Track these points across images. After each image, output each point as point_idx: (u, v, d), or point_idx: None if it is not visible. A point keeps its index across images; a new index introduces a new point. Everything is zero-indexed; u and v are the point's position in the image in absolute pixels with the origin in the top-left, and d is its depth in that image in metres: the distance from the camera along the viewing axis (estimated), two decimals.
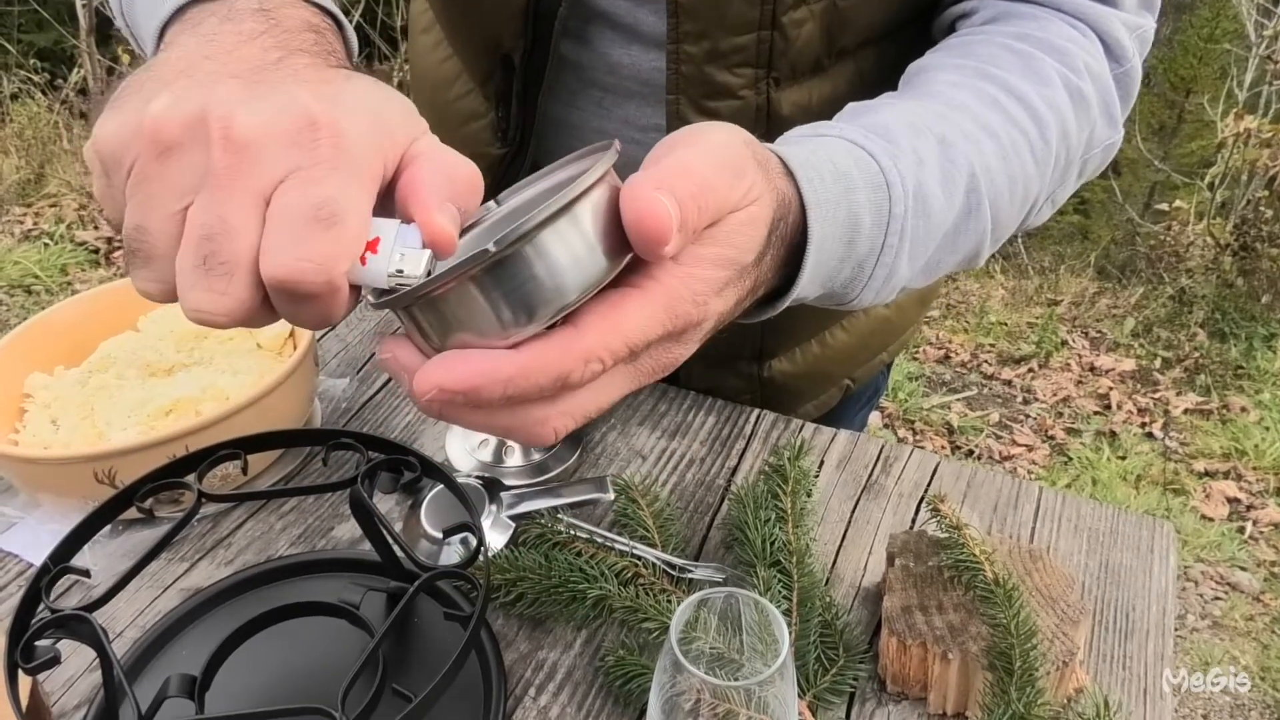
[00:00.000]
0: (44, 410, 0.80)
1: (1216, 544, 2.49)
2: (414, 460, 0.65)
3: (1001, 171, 0.57)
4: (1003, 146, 0.58)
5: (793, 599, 0.67)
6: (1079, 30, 0.66)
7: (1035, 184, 0.61)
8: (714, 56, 0.69)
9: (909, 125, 0.55)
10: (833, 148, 0.52)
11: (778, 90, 0.70)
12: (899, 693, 0.65)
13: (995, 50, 0.62)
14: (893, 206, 0.52)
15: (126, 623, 0.70)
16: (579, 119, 0.79)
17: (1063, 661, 0.61)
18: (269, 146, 0.36)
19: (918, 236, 0.54)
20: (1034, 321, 3.77)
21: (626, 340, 0.39)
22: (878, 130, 0.55)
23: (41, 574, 0.57)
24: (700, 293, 0.42)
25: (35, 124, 4.17)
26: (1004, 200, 0.58)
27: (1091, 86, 0.63)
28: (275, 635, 0.66)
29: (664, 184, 0.39)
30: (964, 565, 0.65)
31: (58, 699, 0.65)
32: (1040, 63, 0.61)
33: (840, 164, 0.51)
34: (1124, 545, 0.77)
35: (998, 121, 0.58)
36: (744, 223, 0.44)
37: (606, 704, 0.64)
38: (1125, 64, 0.67)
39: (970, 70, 0.61)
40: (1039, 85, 0.61)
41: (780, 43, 0.68)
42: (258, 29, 0.44)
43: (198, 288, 0.37)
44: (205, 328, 0.68)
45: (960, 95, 0.59)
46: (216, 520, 0.78)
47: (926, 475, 0.83)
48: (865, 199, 0.51)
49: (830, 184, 0.49)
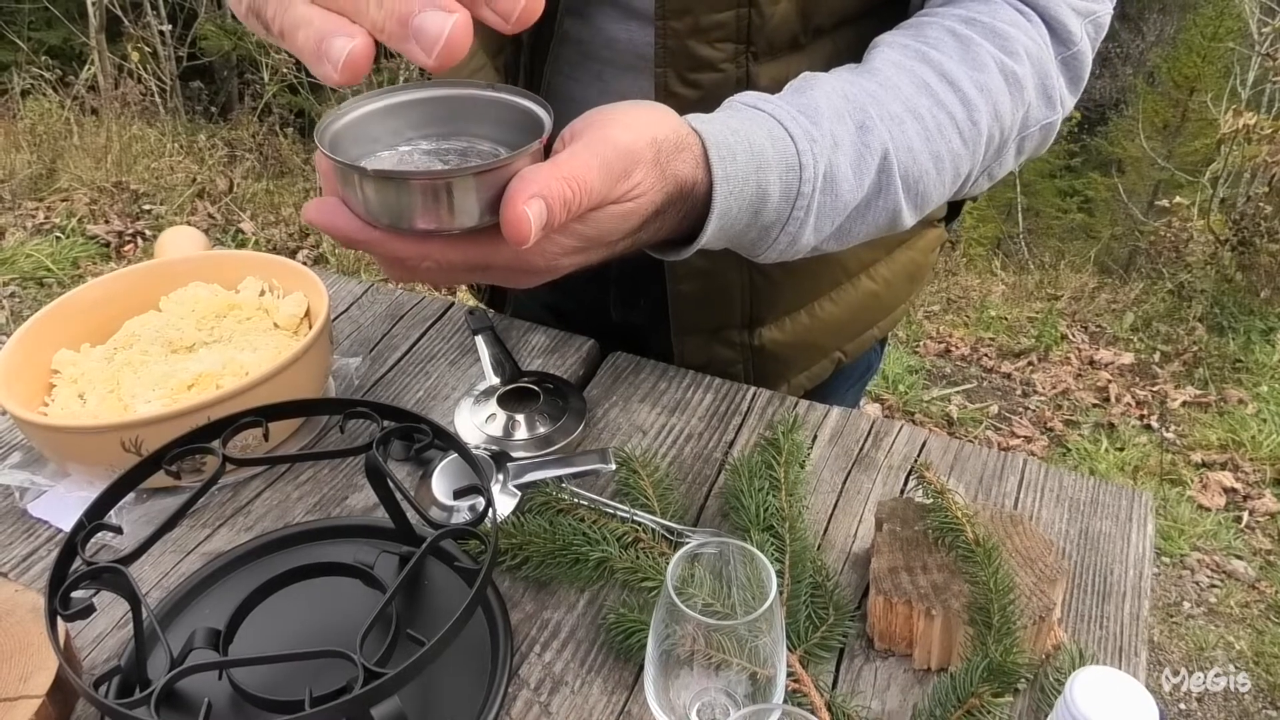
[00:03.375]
0: (71, 385, 0.83)
1: (1213, 533, 2.52)
2: (426, 428, 0.68)
3: (924, 150, 0.65)
4: (927, 128, 0.65)
5: (785, 561, 0.71)
6: (1024, 16, 0.70)
7: (966, 161, 0.67)
8: (696, 31, 0.73)
9: (835, 110, 0.63)
10: (757, 128, 0.60)
11: (756, 64, 0.75)
12: (886, 649, 0.69)
13: (940, 34, 0.69)
14: (801, 186, 0.61)
15: (151, 584, 0.73)
16: (579, 92, 0.83)
17: (1040, 617, 0.64)
18: None
19: (824, 211, 0.63)
20: (1034, 316, 3.80)
21: (487, 261, 0.54)
22: (807, 112, 0.62)
23: (77, 529, 0.60)
24: (551, 254, 0.56)
25: (46, 120, 4.22)
26: (927, 175, 0.66)
27: (1029, 69, 0.68)
28: (294, 594, 0.70)
29: (542, 189, 0.49)
30: (947, 527, 0.68)
31: (87, 654, 0.69)
32: (979, 48, 0.67)
33: (757, 144, 0.59)
34: (1104, 514, 0.80)
35: (925, 105, 0.65)
36: (615, 214, 0.54)
37: (608, 660, 0.68)
38: (1072, 47, 0.71)
39: (913, 52, 0.67)
40: (974, 70, 0.67)
41: (757, 19, 0.73)
42: None
43: None
44: (225, 307, 0.82)
45: (897, 77, 0.65)
46: (236, 489, 0.81)
47: (915, 449, 0.86)
48: (776, 177, 0.60)
49: (743, 163, 0.58)
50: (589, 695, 0.66)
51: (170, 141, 4.31)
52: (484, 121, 0.57)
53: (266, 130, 4.52)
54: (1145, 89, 10.66)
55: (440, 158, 0.55)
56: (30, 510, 0.79)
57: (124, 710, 0.52)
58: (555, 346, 1.00)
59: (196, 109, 5.12)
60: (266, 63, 4.74)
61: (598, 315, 1.03)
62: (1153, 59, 11.06)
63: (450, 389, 0.93)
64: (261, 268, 0.94)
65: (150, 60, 4.78)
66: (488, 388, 0.90)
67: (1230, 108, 4.65)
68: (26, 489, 0.80)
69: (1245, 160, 4.50)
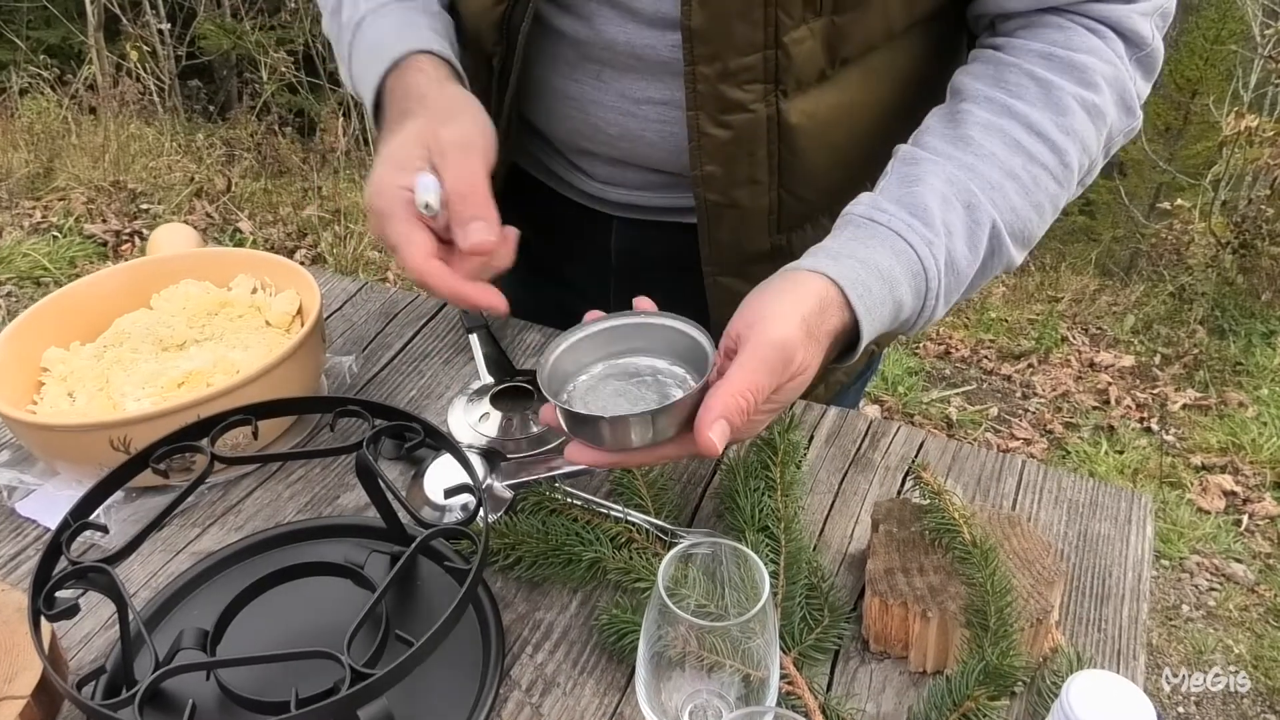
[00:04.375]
0: (60, 383, 0.83)
1: (1212, 536, 2.52)
2: (417, 426, 0.67)
3: (1025, 205, 0.72)
4: (1025, 185, 0.72)
5: (780, 562, 0.70)
6: (1099, 35, 0.74)
7: (1063, 197, 0.75)
8: (725, 76, 0.75)
9: (943, 198, 0.70)
10: (881, 249, 0.68)
11: (786, 101, 0.76)
12: (881, 651, 0.68)
13: (1021, 79, 0.73)
14: (929, 284, 0.69)
15: (140, 584, 0.73)
16: (577, 91, 0.83)
17: (1037, 619, 0.63)
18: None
19: (950, 289, 0.71)
20: (1034, 318, 3.80)
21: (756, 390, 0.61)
22: (919, 214, 0.69)
23: (62, 528, 0.60)
24: (754, 426, 0.65)
25: (44, 119, 4.21)
26: (1031, 223, 0.74)
27: (1108, 95, 0.74)
28: (283, 593, 0.69)
29: (723, 411, 0.59)
30: (944, 528, 0.67)
31: (74, 654, 0.68)
32: (1059, 91, 0.73)
33: (884, 266, 0.67)
34: (1103, 516, 0.79)
35: (1020, 164, 0.72)
36: (790, 388, 0.63)
37: (600, 661, 0.67)
38: (1146, 47, 0.76)
39: (999, 108, 0.73)
40: (1058, 115, 0.73)
41: (784, 60, 0.74)
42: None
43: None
44: (216, 304, 0.88)
45: (989, 143, 0.72)
46: (227, 489, 0.80)
47: (913, 450, 0.86)
48: (907, 287, 0.68)
49: (877, 291, 0.66)
50: (581, 697, 0.65)
51: (168, 140, 4.30)
52: (649, 341, 0.69)
53: (265, 130, 4.51)
54: None
55: (633, 383, 0.67)
56: (18, 509, 0.78)
57: (107, 711, 0.51)
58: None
59: (195, 108, 5.11)
60: (265, 62, 4.74)
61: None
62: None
63: (444, 388, 0.92)
64: (254, 265, 0.94)
65: (149, 59, 4.78)
66: (481, 386, 0.89)
67: (1232, 110, 4.64)
68: (15, 488, 0.80)
69: (1247, 163, 4.49)
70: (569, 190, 0.94)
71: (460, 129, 0.69)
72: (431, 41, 0.76)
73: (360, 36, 0.79)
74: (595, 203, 0.93)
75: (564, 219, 0.96)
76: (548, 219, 0.97)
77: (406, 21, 0.78)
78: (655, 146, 0.83)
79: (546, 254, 1.00)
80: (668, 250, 0.90)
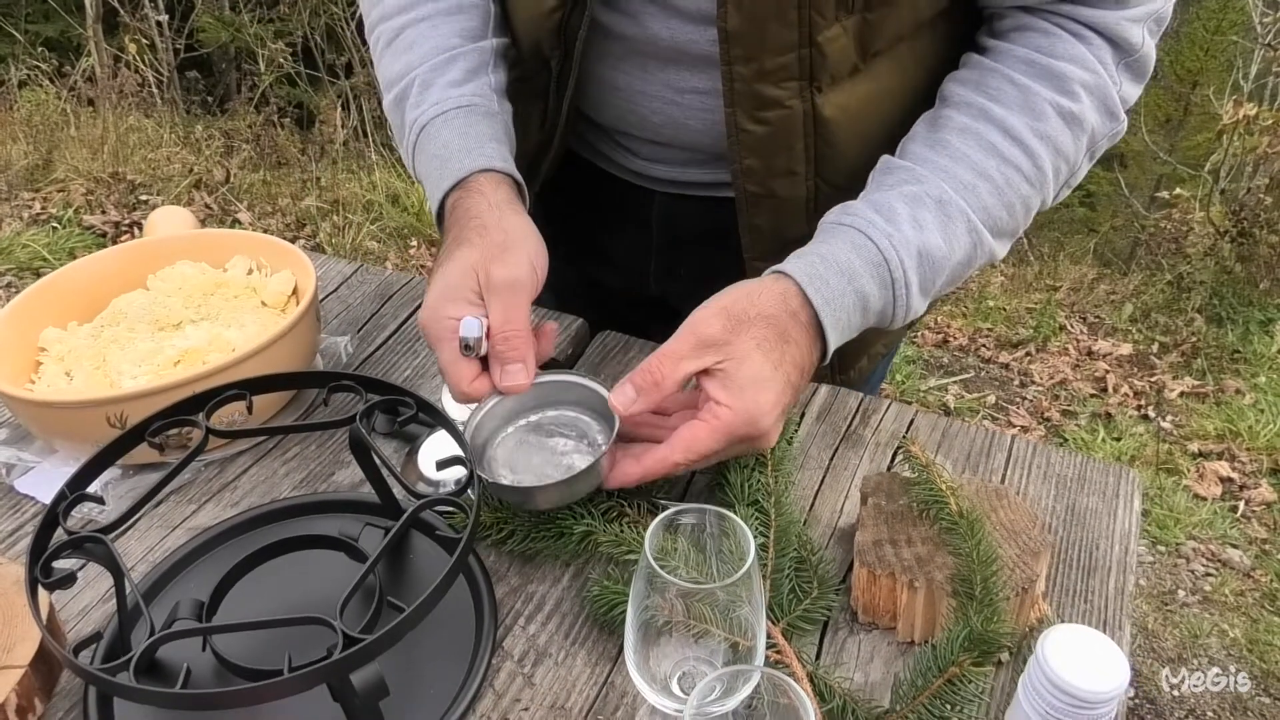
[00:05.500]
0: (58, 363, 0.83)
1: (1209, 522, 2.52)
2: (410, 401, 0.68)
3: (998, 204, 0.76)
4: (998, 185, 0.76)
5: (769, 536, 0.71)
6: (1084, 41, 0.76)
7: (1036, 198, 0.79)
8: (761, 75, 0.77)
9: (911, 197, 0.75)
10: (841, 245, 0.73)
11: (820, 96, 0.79)
12: (870, 622, 0.69)
13: (1001, 83, 0.77)
14: (893, 274, 0.73)
15: (137, 558, 0.74)
16: (625, 82, 0.87)
17: (1023, 588, 0.64)
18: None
19: (926, 278, 0.75)
20: (1033, 307, 3.80)
21: (700, 454, 0.68)
22: (883, 212, 0.74)
23: (59, 500, 0.60)
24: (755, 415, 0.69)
25: (43, 110, 4.21)
26: (1003, 221, 0.77)
27: (1087, 103, 0.77)
28: (279, 566, 0.70)
29: (632, 376, 0.69)
30: (931, 500, 0.68)
31: (72, 627, 0.69)
32: (1036, 97, 0.76)
33: (843, 260, 0.72)
34: (1090, 490, 0.80)
35: (994, 165, 0.76)
36: (740, 370, 0.68)
37: (592, 632, 0.68)
38: (1135, 53, 0.78)
39: (977, 111, 0.77)
40: (1034, 120, 0.76)
41: (819, 58, 0.76)
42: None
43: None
44: (212, 285, 0.93)
45: (964, 146, 0.76)
46: (223, 465, 0.81)
47: (903, 426, 0.86)
48: (869, 278, 0.73)
49: (835, 283, 0.72)
50: (572, 667, 0.66)
51: (167, 132, 4.30)
52: (561, 397, 0.76)
53: (264, 121, 4.51)
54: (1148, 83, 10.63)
55: (550, 438, 0.75)
56: (17, 486, 0.79)
57: (104, 676, 0.52)
58: None
59: (194, 100, 5.11)
60: (264, 54, 4.73)
61: (637, 286, 1.05)
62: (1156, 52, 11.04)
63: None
64: (250, 246, 0.94)
65: (147, 51, 4.77)
66: None
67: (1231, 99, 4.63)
68: (13, 465, 0.80)
69: (1246, 152, 4.48)
70: (614, 167, 0.98)
71: (510, 270, 0.73)
72: (494, 158, 0.80)
73: (424, 143, 0.82)
74: (639, 178, 0.96)
75: (609, 193, 0.99)
76: (593, 193, 1.01)
77: (470, 134, 0.81)
78: (698, 132, 0.87)
79: (588, 228, 1.04)
80: (706, 224, 0.94)
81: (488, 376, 0.72)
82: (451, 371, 0.72)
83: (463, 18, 0.86)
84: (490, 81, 0.85)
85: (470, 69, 0.84)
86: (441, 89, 0.83)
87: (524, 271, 0.73)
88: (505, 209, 0.77)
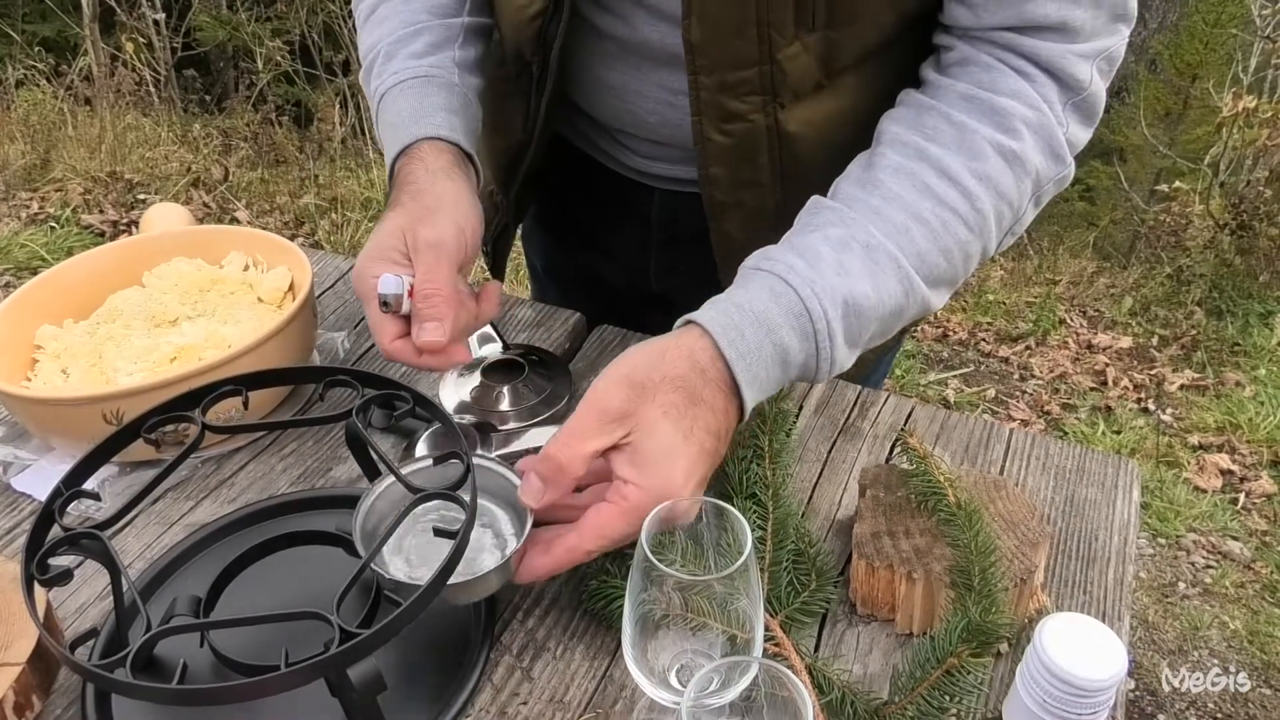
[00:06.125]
0: (54, 360, 0.83)
1: (1209, 514, 2.52)
2: (406, 395, 0.68)
3: (933, 249, 0.71)
4: (933, 229, 0.71)
5: (767, 529, 0.70)
6: (1028, 78, 0.72)
7: (976, 243, 0.73)
8: (724, 87, 0.77)
9: (838, 241, 0.69)
10: (760, 293, 0.68)
11: (784, 112, 0.78)
12: (868, 614, 0.69)
13: (938, 122, 0.73)
14: (815, 324, 0.67)
15: (135, 555, 0.73)
16: (619, 81, 0.87)
17: (1021, 579, 0.64)
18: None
19: (852, 328, 0.69)
20: (1032, 300, 3.80)
21: (613, 540, 0.62)
22: (806, 256, 0.69)
23: (54, 496, 0.60)
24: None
25: (40, 110, 4.21)
26: (940, 268, 0.72)
27: (1030, 142, 0.72)
28: (276, 562, 0.70)
29: (534, 464, 0.63)
30: (929, 492, 0.68)
31: (70, 624, 0.69)
32: (974, 135, 0.71)
33: (760, 309, 0.67)
34: (1089, 481, 0.80)
35: (928, 207, 0.71)
36: (659, 451, 0.62)
37: (590, 626, 0.68)
38: (1083, 91, 0.74)
39: (913, 151, 0.72)
40: (972, 160, 0.71)
41: (779, 74, 0.76)
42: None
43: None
44: (208, 281, 0.93)
45: (898, 185, 0.71)
46: (220, 462, 0.81)
47: (901, 418, 0.86)
48: (789, 329, 0.67)
49: (751, 335, 0.66)
50: (571, 661, 0.65)
51: (165, 131, 4.30)
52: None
53: (261, 119, 4.51)
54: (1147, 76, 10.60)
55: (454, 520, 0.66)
56: (14, 484, 0.79)
57: (101, 672, 0.52)
58: (541, 320, 0.99)
59: (191, 98, 5.10)
60: (261, 52, 4.73)
61: (639, 282, 1.06)
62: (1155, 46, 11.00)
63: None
64: (246, 243, 0.94)
65: (144, 50, 4.77)
66: (474, 361, 0.90)
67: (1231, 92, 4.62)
68: (10, 463, 0.80)
69: (1245, 145, 4.48)
70: (614, 163, 0.98)
71: (434, 232, 0.74)
72: (441, 126, 0.80)
73: (382, 112, 0.84)
74: (638, 175, 0.96)
75: (610, 189, 0.99)
76: (592, 189, 1.01)
77: (420, 104, 0.82)
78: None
79: (588, 220, 1.05)
80: (706, 223, 0.93)
81: (409, 340, 0.73)
82: (374, 329, 0.74)
83: None
84: (455, 56, 0.86)
85: (434, 43, 0.85)
86: (402, 60, 0.84)
87: (449, 233, 0.74)
88: (440, 175, 0.78)
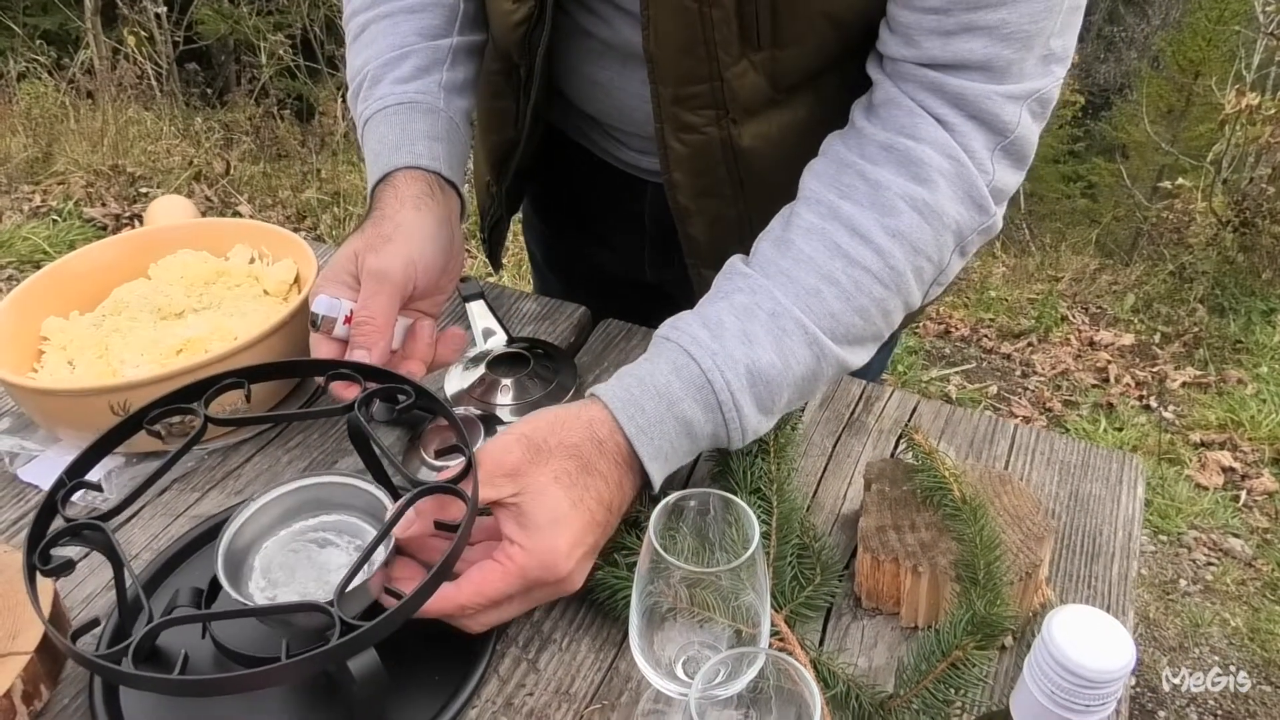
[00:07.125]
0: (60, 352, 0.83)
1: (1210, 511, 2.52)
2: (408, 388, 0.68)
3: (846, 309, 0.71)
4: (845, 290, 0.70)
5: (772, 523, 0.70)
6: (947, 126, 0.71)
7: (894, 300, 0.72)
8: (679, 100, 0.79)
9: (743, 309, 0.69)
10: (662, 366, 0.68)
11: (737, 127, 0.80)
12: (873, 608, 0.69)
13: (854, 180, 0.72)
14: (718, 396, 0.67)
15: (141, 546, 0.74)
16: (606, 78, 0.88)
17: (1026, 573, 0.64)
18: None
19: (761, 396, 0.69)
20: (1034, 297, 3.80)
21: (490, 598, 0.62)
22: (710, 326, 0.69)
23: (57, 487, 0.60)
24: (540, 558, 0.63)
25: (42, 103, 4.21)
26: (856, 327, 0.71)
27: (947, 192, 0.71)
28: None
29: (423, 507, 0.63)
30: (935, 486, 0.68)
31: (77, 614, 0.69)
32: (887, 191, 0.71)
33: (661, 383, 0.67)
34: (1094, 477, 0.80)
35: (840, 267, 0.70)
36: (546, 516, 0.62)
37: (596, 618, 0.68)
38: (1010, 134, 0.72)
39: (825, 210, 0.72)
40: (884, 216, 0.71)
41: (729, 91, 0.77)
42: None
43: None
44: (214, 274, 0.94)
45: (809, 247, 0.71)
46: (226, 454, 0.81)
47: (906, 413, 0.86)
48: (691, 401, 0.67)
49: (651, 410, 0.66)
50: (577, 653, 0.66)
51: (167, 125, 4.30)
52: (338, 500, 0.68)
53: (263, 113, 4.51)
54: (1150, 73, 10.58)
55: (323, 543, 0.67)
56: (20, 475, 0.79)
57: (102, 662, 0.52)
58: (547, 313, 0.99)
59: (193, 92, 5.10)
60: (263, 46, 4.73)
61: (636, 274, 1.07)
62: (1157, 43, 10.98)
63: None
64: (251, 235, 0.94)
65: (146, 44, 4.76)
66: (478, 354, 0.90)
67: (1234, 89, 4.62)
68: (16, 454, 0.80)
69: (1248, 142, 4.47)
70: (609, 157, 0.99)
71: (381, 261, 0.74)
72: (421, 155, 0.81)
73: (365, 138, 0.84)
74: (631, 169, 0.97)
75: (605, 183, 1.00)
76: (589, 182, 1.02)
77: (401, 132, 0.82)
78: None
79: (585, 212, 1.06)
80: None
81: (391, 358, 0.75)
82: (311, 346, 0.76)
83: (425, 15, 0.87)
84: (442, 79, 0.85)
85: (421, 66, 0.85)
86: (388, 85, 0.84)
87: (395, 264, 0.74)
88: (407, 204, 0.78)
